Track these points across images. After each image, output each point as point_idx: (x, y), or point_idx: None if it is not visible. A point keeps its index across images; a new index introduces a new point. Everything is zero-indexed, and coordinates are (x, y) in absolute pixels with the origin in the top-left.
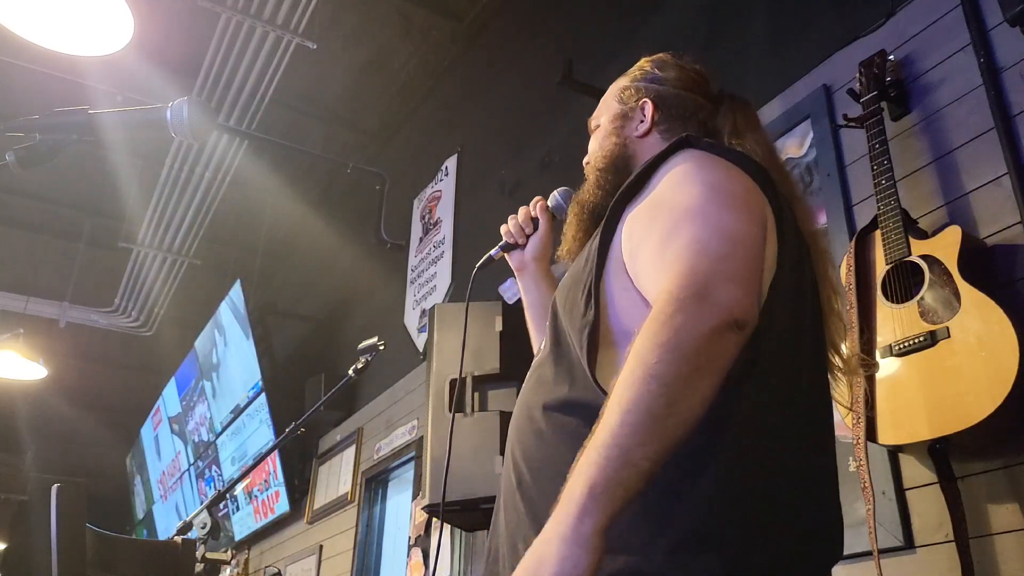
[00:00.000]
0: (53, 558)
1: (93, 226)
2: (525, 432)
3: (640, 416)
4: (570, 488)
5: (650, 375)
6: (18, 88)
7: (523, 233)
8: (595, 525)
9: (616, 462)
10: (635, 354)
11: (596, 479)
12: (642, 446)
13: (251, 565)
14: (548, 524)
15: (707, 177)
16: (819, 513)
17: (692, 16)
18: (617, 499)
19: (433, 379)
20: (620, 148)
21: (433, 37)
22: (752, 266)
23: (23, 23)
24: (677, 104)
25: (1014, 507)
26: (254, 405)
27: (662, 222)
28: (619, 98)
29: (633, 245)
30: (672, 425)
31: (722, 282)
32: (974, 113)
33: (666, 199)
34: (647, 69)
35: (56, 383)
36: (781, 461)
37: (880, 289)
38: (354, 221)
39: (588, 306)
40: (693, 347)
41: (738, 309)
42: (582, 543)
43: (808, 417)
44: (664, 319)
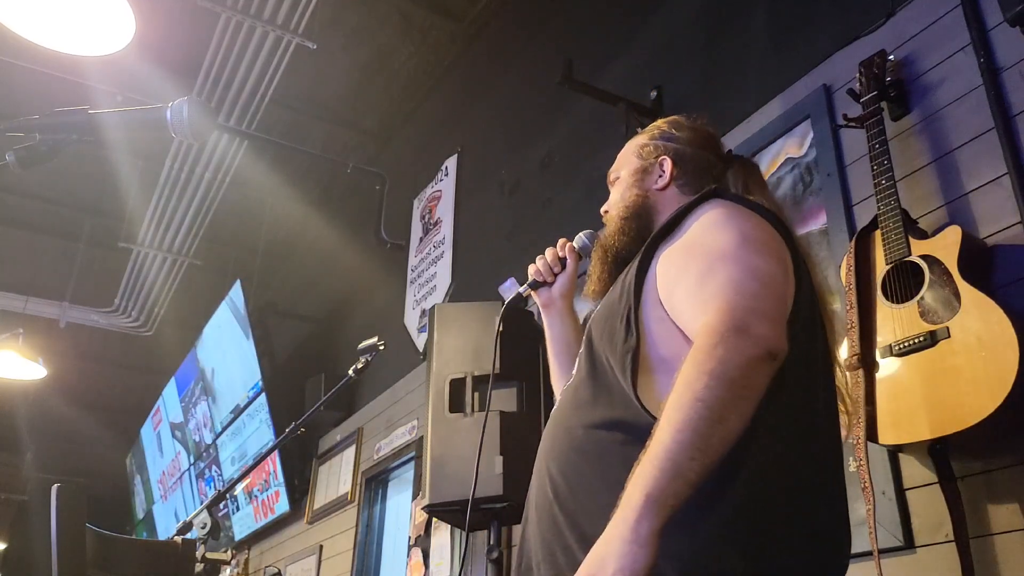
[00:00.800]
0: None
1: (93, 226)
2: (563, 449)
3: (689, 435)
4: (628, 496)
5: (697, 399)
6: (18, 88)
7: (551, 272)
8: (651, 527)
9: (669, 473)
10: (683, 380)
11: (652, 488)
12: (691, 460)
13: (251, 565)
14: (608, 529)
15: (737, 224)
16: (833, 520)
17: (692, 16)
18: (669, 506)
19: (433, 379)
20: (641, 199)
21: (433, 37)
22: (780, 304)
23: (23, 23)
24: (693, 161)
25: (1014, 507)
26: (254, 405)
27: (699, 262)
28: (639, 154)
29: (669, 281)
30: (716, 442)
31: (757, 318)
32: (974, 113)
33: (700, 242)
34: (664, 129)
35: (56, 383)
36: (800, 472)
37: (880, 289)
38: (354, 221)
39: (629, 333)
40: (734, 375)
41: (771, 343)
42: (641, 543)
43: (823, 432)
44: (708, 350)
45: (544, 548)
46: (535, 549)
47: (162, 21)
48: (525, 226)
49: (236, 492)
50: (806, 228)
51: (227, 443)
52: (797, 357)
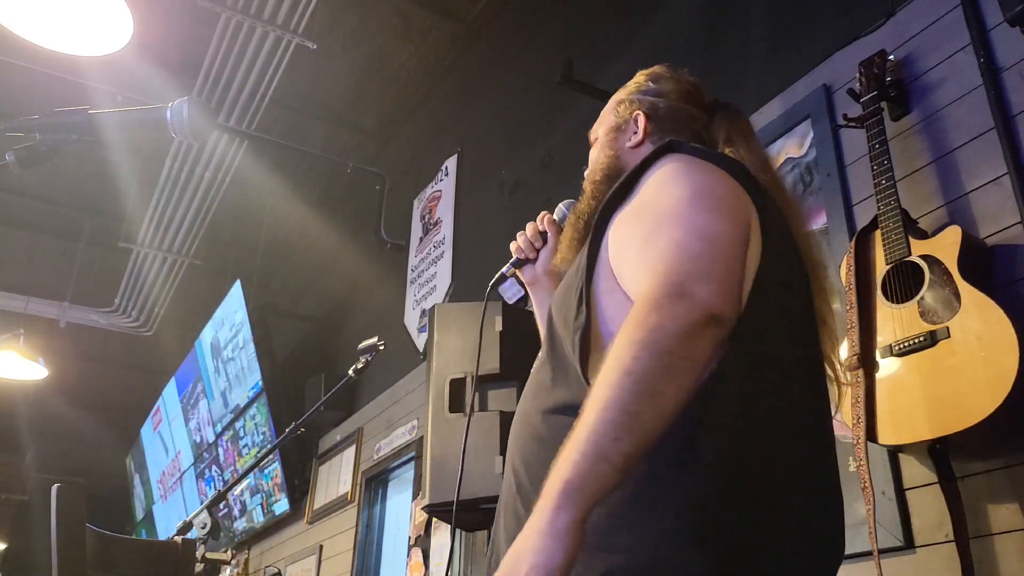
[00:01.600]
0: (53, 558)
1: (93, 226)
2: (524, 437)
3: (614, 413)
4: (548, 484)
5: (625, 372)
6: (18, 88)
7: (533, 248)
8: (570, 519)
9: (591, 458)
10: (612, 353)
11: (571, 475)
12: (616, 442)
13: (251, 565)
14: (528, 520)
15: (689, 180)
16: (816, 515)
17: (692, 16)
18: (591, 494)
19: (433, 379)
20: (614, 160)
21: (433, 37)
22: (730, 265)
23: (23, 23)
24: (669, 116)
25: (1014, 507)
26: (254, 405)
27: (645, 225)
28: (614, 111)
29: (618, 248)
30: (646, 421)
31: (699, 280)
32: (974, 113)
33: (649, 202)
34: (642, 82)
35: (56, 383)
36: (774, 459)
37: (880, 289)
38: (354, 221)
39: (580, 310)
40: (668, 344)
41: (715, 305)
42: (557, 536)
43: (804, 415)
44: (641, 318)
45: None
46: (502, 543)
47: (162, 21)
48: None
49: (236, 492)
50: None
51: (227, 443)
52: (765, 325)
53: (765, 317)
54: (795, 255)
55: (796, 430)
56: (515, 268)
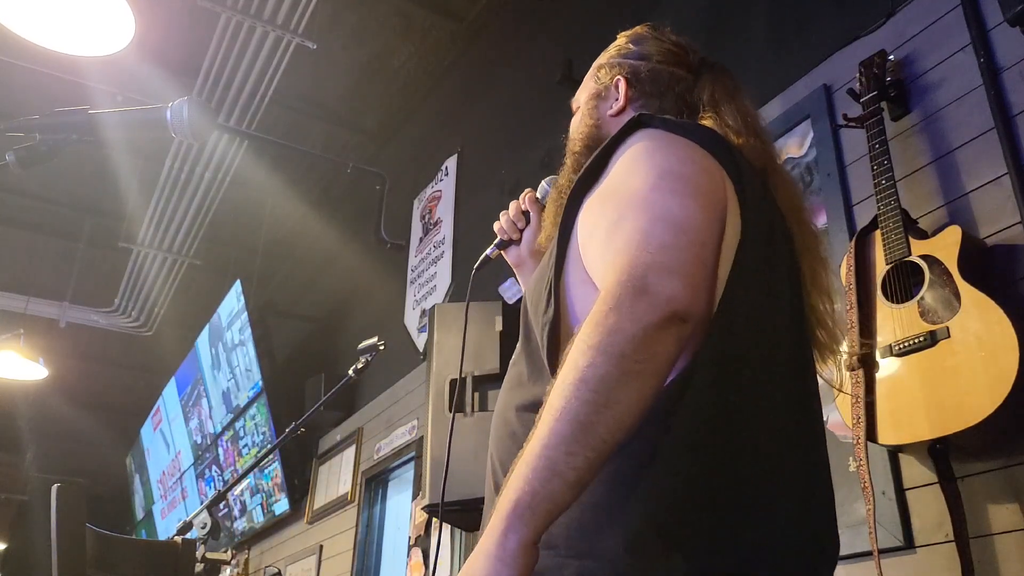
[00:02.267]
0: (53, 558)
1: (93, 226)
2: (501, 435)
3: (567, 424)
4: (500, 502)
5: (579, 379)
6: (18, 88)
7: (516, 228)
8: (520, 541)
9: (543, 473)
10: (569, 358)
11: (522, 493)
12: (569, 455)
13: (251, 565)
14: (480, 540)
15: (657, 160)
16: (803, 513)
17: (692, 16)
18: (543, 512)
19: (433, 379)
20: (594, 129)
21: (433, 37)
22: (698, 254)
23: (23, 23)
24: (652, 79)
25: (1014, 507)
26: (254, 405)
27: (610, 211)
28: (595, 77)
29: (586, 236)
30: (604, 432)
31: (662, 275)
32: (974, 113)
33: (616, 186)
34: (623, 45)
35: (56, 383)
36: (750, 459)
37: (880, 289)
38: (354, 221)
39: (548, 302)
40: (625, 348)
41: (680, 302)
42: (507, 560)
43: (787, 407)
44: (598, 319)
45: None
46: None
47: (162, 21)
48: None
49: (236, 491)
50: None
51: (227, 443)
52: (742, 310)
53: (744, 306)
54: (781, 233)
55: (775, 429)
56: (499, 250)
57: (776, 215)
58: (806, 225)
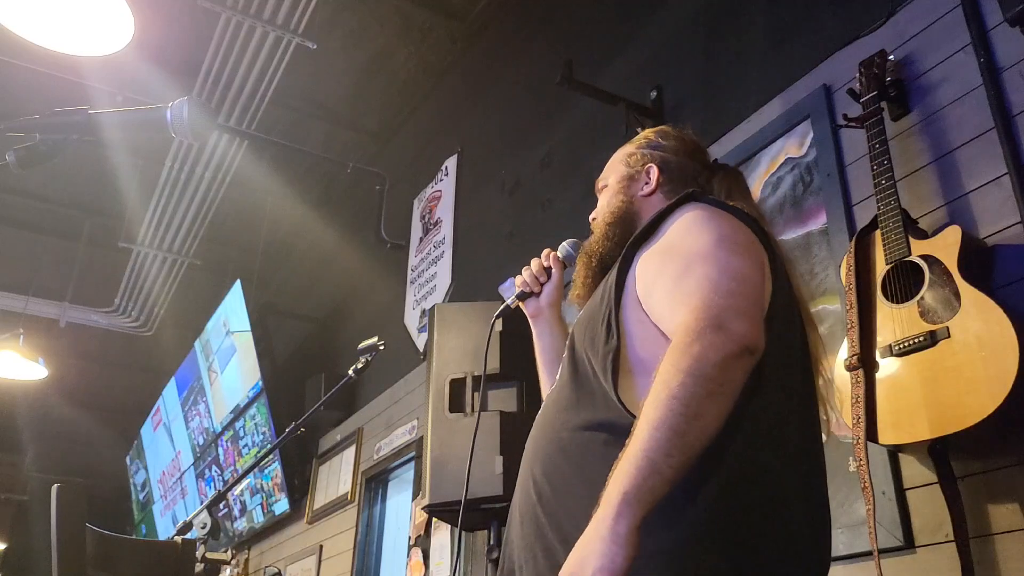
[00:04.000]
0: (53, 558)
1: (93, 226)
2: (547, 452)
3: (665, 432)
4: (607, 495)
5: (672, 396)
6: (18, 88)
7: (538, 282)
8: (629, 525)
9: (646, 471)
10: (660, 378)
11: (629, 487)
12: (668, 457)
13: (251, 565)
14: (588, 528)
15: (714, 226)
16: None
17: (692, 16)
18: (646, 503)
19: (433, 379)
20: (627, 205)
21: (433, 37)
22: (756, 301)
23: (23, 23)
24: (679, 169)
25: (1014, 507)
26: (254, 405)
27: (676, 263)
28: (626, 162)
29: (647, 283)
30: (692, 439)
31: (733, 316)
32: (974, 113)
33: (677, 243)
34: (651, 138)
35: (56, 383)
36: (775, 471)
37: (880, 289)
38: (354, 221)
39: (610, 335)
40: (709, 372)
41: (748, 339)
42: (619, 541)
43: (802, 428)
44: (684, 347)
45: (527, 551)
46: (518, 552)
47: (162, 21)
48: (525, 226)
49: (236, 491)
50: (806, 228)
51: (227, 443)
52: (773, 354)
53: (775, 350)
54: (793, 295)
55: (799, 450)
56: (519, 301)
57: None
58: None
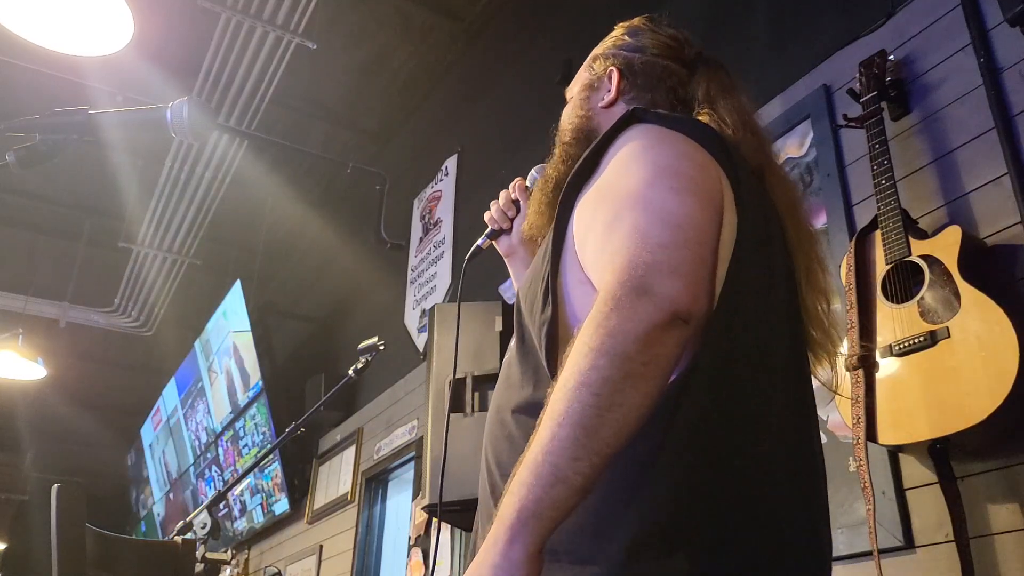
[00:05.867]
0: (53, 558)
1: (93, 226)
2: (496, 436)
3: (571, 429)
4: (502, 510)
5: (581, 383)
6: (18, 88)
7: (506, 217)
8: (526, 550)
9: (547, 479)
10: (570, 360)
11: (526, 501)
12: (575, 461)
13: (251, 565)
14: (481, 550)
15: (653, 156)
16: (803, 513)
17: (692, 16)
18: (549, 519)
19: (433, 379)
20: (585, 120)
21: (433, 37)
22: (698, 253)
23: (23, 23)
24: (645, 72)
25: (1014, 507)
26: (254, 405)
27: (605, 210)
28: (589, 67)
29: (582, 234)
30: (607, 436)
31: (663, 275)
32: (974, 113)
33: (612, 182)
34: (619, 36)
35: (56, 383)
36: (754, 454)
37: (880, 289)
38: (354, 221)
39: (546, 302)
40: (628, 349)
41: (681, 303)
42: (512, 571)
43: (786, 407)
44: (599, 321)
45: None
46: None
47: (162, 21)
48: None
49: (236, 491)
50: None
51: (227, 443)
52: (741, 312)
53: (742, 305)
54: (777, 231)
55: (775, 430)
56: (490, 239)
57: (772, 213)
58: (802, 224)
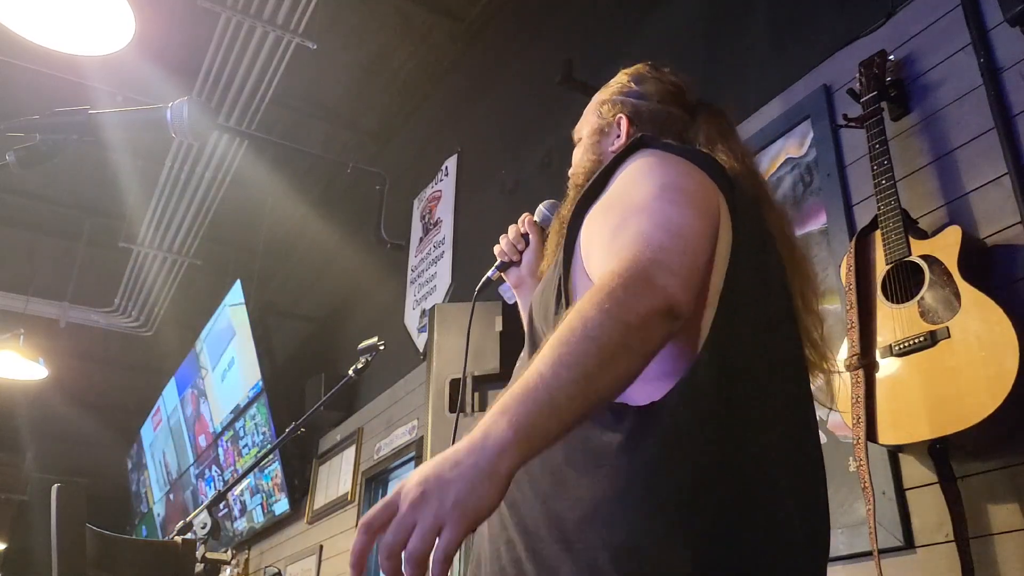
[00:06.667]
0: (53, 558)
1: (93, 226)
2: None
3: (575, 372)
4: (491, 423)
5: (590, 336)
6: (18, 88)
7: (516, 250)
8: (510, 465)
9: (545, 407)
10: (577, 314)
11: (523, 420)
12: (570, 400)
13: (251, 565)
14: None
15: (658, 174)
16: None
17: (692, 16)
18: (537, 447)
19: (433, 379)
20: (597, 164)
21: (433, 37)
22: (693, 260)
23: (23, 23)
24: (651, 119)
25: (1014, 507)
26: (254, 405)
27: (613, 218)
28: (598, 112)
29: (589, 243)
30: (600, 388)
31: (663, 272)
32: (974, 113)
33: (619, 197)
34: (624, 83)
35: (56, 383)
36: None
37: (880, 289)
38: (354, 221)
39: (559, 305)
40: (632, 320)
41: (677, 298)
42: (495, 480)
43: (786, 407)
44: (609, 290)
45: (490, 544)
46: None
47: (162, 21)
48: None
49: (237, 491)
50: (806, 228)
51: (227, 443)
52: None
53: (741, 310)
54: (774, 251)
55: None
56: (499, 271)
57: (768, 237)
58: (797, 251)
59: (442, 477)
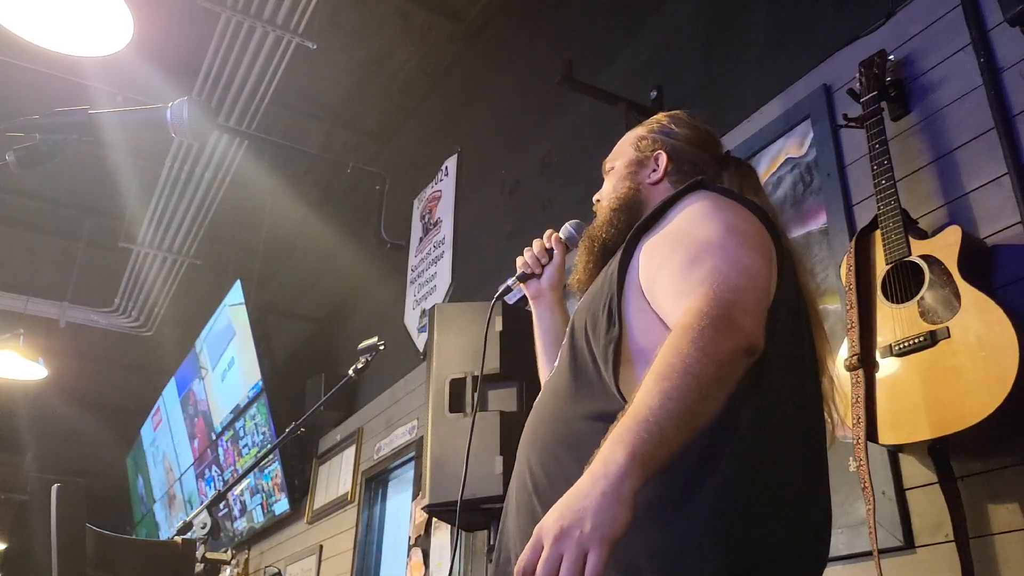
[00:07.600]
0: (53, 558)
1: (93, 226)
2: (544, 442)
3: (679, 405)
4: (609, 454)
5: (689, 372)
6: (18, 88)
7: (539, 263)
8: (632, 489)
9: (656, 438)
10: (672, 351)
11: (639, 449)
12: (678, 431)
13: (251, 565)
14: (585, 482)
15: (724, 215)
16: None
17: (692, 16)
18: (651, 471)
19: (433, 379)
20: (633, 192)
21: (433, 37)
22: (761, 299)
23: (23, 23)
24: (688, 159)
25: (1014, 507)
26: (254, 405)
27: (682, 252)
28: (636, 146)
29: (651, 271)
30: (700, 420)
31: (741, 312)
32: (974, 113)
33: (684, 231)
34: (663, 123)
35: (56, 383)
36: (782, 467)
37: (880, 289)
38: (354, 221)
39: (612, 323)
40: (723, 359)
41: (752, 338)
42: (623, 502)
43: (807, 428)
44: (701, 329)
45: (522, 540)
46: (513, 542)
47: (162, 21)
48: (525, 226)
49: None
50: (806, 228)
51: (227, 443)
52: (780, 352)
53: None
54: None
55: (802, 444)
56: (520, 282)
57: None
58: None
59: (576, 509)
